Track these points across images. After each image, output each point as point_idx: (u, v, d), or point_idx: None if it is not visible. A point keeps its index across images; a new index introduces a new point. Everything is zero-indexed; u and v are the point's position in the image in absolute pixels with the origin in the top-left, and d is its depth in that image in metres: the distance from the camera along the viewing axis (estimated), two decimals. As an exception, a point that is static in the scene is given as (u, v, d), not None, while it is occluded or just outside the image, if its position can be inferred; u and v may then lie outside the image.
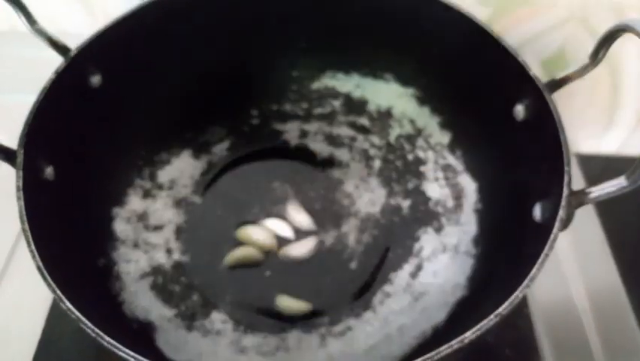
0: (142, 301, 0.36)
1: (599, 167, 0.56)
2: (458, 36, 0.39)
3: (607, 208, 0.31)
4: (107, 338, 0.25)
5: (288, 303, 0.38)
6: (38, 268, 0.27)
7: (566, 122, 0.32)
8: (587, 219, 0.46)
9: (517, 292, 0.27)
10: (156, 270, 0.39)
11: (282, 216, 0.42)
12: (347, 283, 0.39)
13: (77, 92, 0.36)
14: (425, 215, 0.42)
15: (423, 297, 0.38)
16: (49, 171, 0.33)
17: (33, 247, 0.28)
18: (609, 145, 0.61)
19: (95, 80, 0.36)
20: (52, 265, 0.28)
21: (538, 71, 0.34)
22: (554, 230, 0.29)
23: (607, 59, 0.32)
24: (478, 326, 0.26)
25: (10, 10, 0.34)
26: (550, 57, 0.57)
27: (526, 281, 0.27)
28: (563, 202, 0.30)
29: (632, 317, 0.42)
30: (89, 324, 0.26)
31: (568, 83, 0.34)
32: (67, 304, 0.26)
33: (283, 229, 0.41)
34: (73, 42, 0.36)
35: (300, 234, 0.42)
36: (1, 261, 0.42)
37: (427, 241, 0.41)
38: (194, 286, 0.38)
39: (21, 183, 0.30)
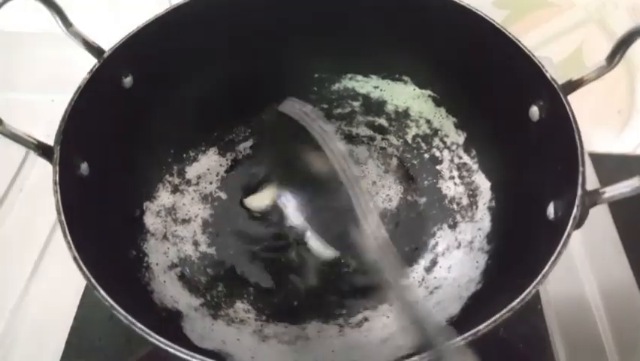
0: (170, 290, 0.38)
1: (613, 166, 0.57)
2: (474, 38, 0.39)
3: (620, 205, 0.32)
4: (139, 325, 0.27)
5: (316, 245, 0.41)
6: (74, 258, 0.29)
7: (580, 121, 0.32)
8: (600, 217, 0.46)
9: (529, 288, 0.28)
10: (184, 261, 0.40)
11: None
12: (364, 277, 0.41)
13: (110, 92, 0.37)
14: (440, 212, 0.43)
15: (437, 291, 0.39)
16: (84, 167, 0.34)
17: (69, 237, 0.29)
18: (625, 145, 0.62)
19: (127, 81, 0.38)
20: (86, 255, 0.29)
21: (555, 73, 0.35)
22: (568, 229, 0.29)
23: (624, 59, 0.33)
24: (492, 320, 0.27)
25: (46, 13, 0.35)
26: (566, 58, 0.58)
27: (539, 278, 0.28)
28: (577, 202, 0.30)
29: (644, 313, 0.42)
30: (122, 311, 0.27)
31: (584, 85, 0.34)
32: (102, 292, 0.27)
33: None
34: (102, 44, 0.36)
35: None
36: (36, 251, 0.45)
37: (442, 236, 0.42)
38: (219, 276, 0.40)
39: (57, 178, 0.31)
